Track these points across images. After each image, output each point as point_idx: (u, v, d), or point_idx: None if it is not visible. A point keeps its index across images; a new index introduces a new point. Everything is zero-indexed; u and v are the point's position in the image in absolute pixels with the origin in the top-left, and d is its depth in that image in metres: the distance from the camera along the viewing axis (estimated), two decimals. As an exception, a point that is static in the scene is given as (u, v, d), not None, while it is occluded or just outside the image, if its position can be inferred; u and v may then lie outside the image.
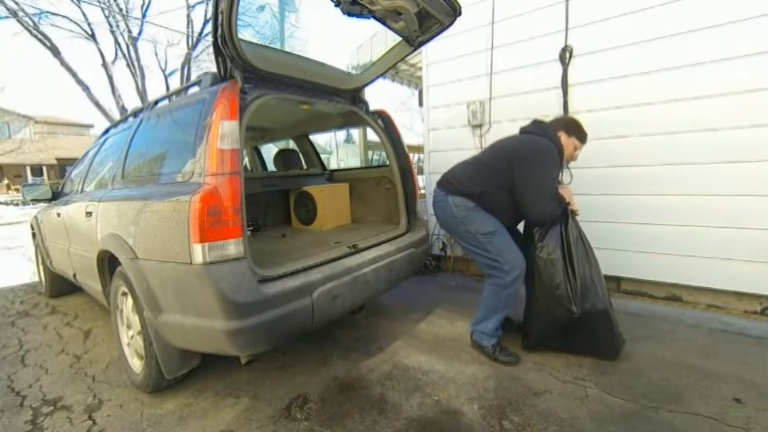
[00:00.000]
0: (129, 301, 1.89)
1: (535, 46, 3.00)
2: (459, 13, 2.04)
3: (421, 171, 6.37)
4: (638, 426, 1.47)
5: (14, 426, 1.68)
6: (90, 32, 12.55)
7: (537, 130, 2.03)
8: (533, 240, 1.98)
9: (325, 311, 1.72)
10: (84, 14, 12.49)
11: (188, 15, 13.72)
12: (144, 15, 13.39)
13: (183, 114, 1.82)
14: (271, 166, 4.08)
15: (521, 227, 2.17)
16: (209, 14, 2.14)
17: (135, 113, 2.53)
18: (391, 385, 1.82)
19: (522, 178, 1.88)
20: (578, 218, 2.02)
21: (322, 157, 3.83)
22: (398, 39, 2.30)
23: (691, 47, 2.43)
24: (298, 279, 1.63)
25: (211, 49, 1.73)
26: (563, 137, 2.00)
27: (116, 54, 13.08)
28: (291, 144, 4.12)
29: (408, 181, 2.57)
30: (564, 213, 1.94)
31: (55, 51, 11.48)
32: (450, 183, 2.07)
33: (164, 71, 15.07)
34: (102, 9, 12.37)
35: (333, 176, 3.48)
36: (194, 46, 14.01)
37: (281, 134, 3.86)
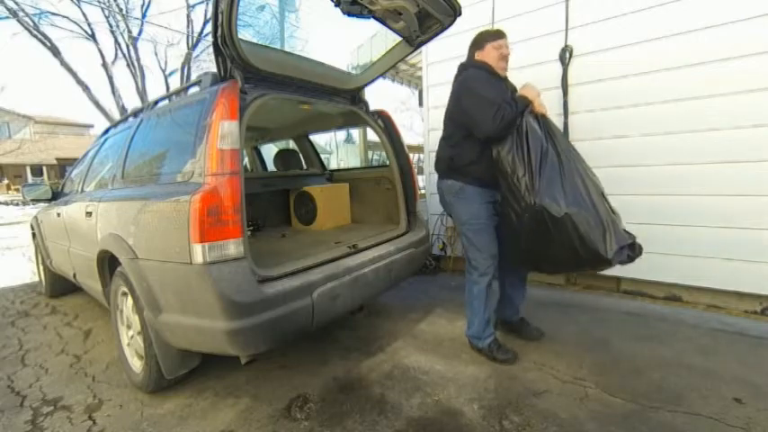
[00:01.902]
0: (129, 301, 1.89)
1: (535, 46, 3.00)
2: (459, 13, 2.04)
3: (421, 171, 6.36)
4: (638, 426, 1.47)
5: (14, 426, 1.68)
6: (90, 32, 12.56)
7: (458, 71, 2.05)
8: None
9: (326, 311, 1.72)
10: (84, 14, 12.51)
11: (188, 15, 13.72)
12: (144, 15, 13.40)
13: (183, 114, 1.82)
14: (271, 166, 4.08)
15: None
16: (210, 14, 2.14)
17: (135, 113, 2.53)
18: (391, 385, 1.82)
19: (464, 115, 1.90)
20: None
21: (322, 157, 3.83)
22: (398, 39, 2.30)
23: (691, 47, 2.43)
24: (298, 279, 1.63)
25: (211, 49, 1.73)
26: (479, 54, 2.00)
27: (116, 54, 13.08)
28: (291, 144, 4.12)
29: (408, 181, 2.57)
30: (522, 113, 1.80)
31: (55, 51, 11.48)
32: (437, 163, 2.17)
33: (164, 71, 15.08)
34: (102, 9, 12.38)
35: (333, 176, 3.48)
36: (194, 46, 14.00)
37: (281, 134, 3.86)
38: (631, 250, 1.70)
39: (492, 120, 1.76)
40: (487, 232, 1.99)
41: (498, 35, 1.97)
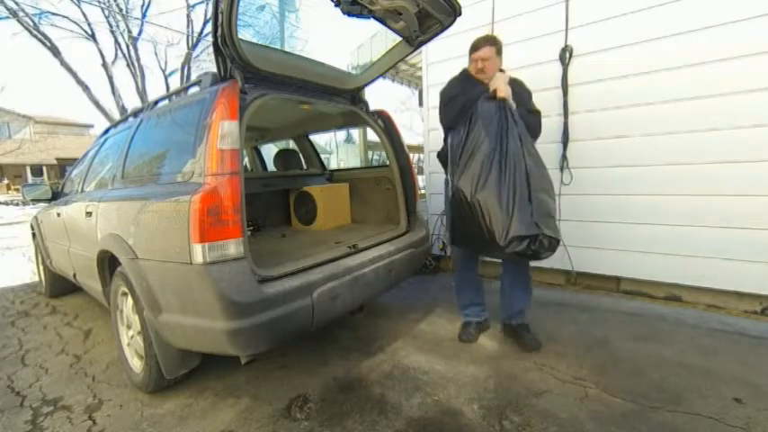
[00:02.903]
0: (129, 301, 1.89)
1: (535, 46, 3.00)
2: (459, 13, 2.04)
3: (421, 171, 6.37)
4: (638, 426, 1.47)
5: (14, 426, 1.68)
6: (90, 32, 12.55)
7: None
8: None
9: (326, 311, 1.72)
10: (84, 14, 12.52)
11: (188, 15, 13.71)
12: (144, 15, 13.40)
13: (183, 114, 1.82)
14: (271, 166, 4.08)
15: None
16: (210, 14, 2.15)
17: (135, 113, 2.53)
18: (391, 385, 1.82)
19: None
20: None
21: (322, 157, 3.82)
22: (398, 39, 2.30)
23: (691, 47, 2.43)
24: (298, 279, 1.63)
25: (211, 49, 1.73)
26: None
27: (116, 54, 13.08)
28: (291, 144, 4.12)
29: (408, 181, 2.57)
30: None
31: (55, 51, 11.47)
32: None
33: (164, 71, 15.07)
34: (102, 9, 12.38)
35: (333, 176, 3.48)
36: (194, 46, 14.00)
37: (281, 134, 3.85)
38: (534, 243, 1.73)
39: (442, 109, 2.13)
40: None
41: (474, 47, 2.11)
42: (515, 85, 2.06)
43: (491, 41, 2.08)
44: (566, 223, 2.98)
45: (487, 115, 1.89)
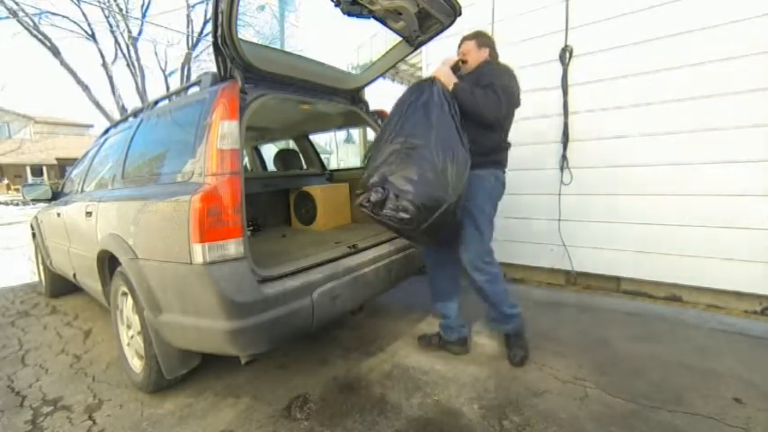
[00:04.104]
0: (129, 301, 1.89)
1: (535, 46, 3.00)
2: (459, 13, 2.04)
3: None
4: (638, 426, 1.47)
5: (14, 426, 1.68)
6: (90, 32, 12.54)
7: None
8: None
9: (326, 311, 1.71)
10: (84, 14, 12.48)
11: (188, 15, 13.70)
12: (144, 15, 13.37)
13: (183, 114, 1.82)
14: (271, 166, 4.08)
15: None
16: (210, 14, 2.15)
17: (135, 113, 2.53)
18: (391, 385, 1.82)
19: None
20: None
21: (322, 157, 3.83)
22: (398, 39, 2.30)
23: (691, 47, 2.43)
24: (298, 279, 1.63)
25: (211, 49, 1.73)
26: None
27: (116, 54, 13.05)
28: (291, 144, 4.12)
29: (408, 181, 2.56)
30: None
31: (55, 51, 11.46)
32: None
33: (164, 71, 15.06)
34: (102, 9, 12.37)
35: (333, 176, 3.48)
36: (194, 46, 13.99)
37: (281, 134, 3.86)
38: (368, 196, 1.79)
39: None
40: None
41: (458, 46, 2.08)
42: (487, 66, 1.95)
43: (471, 36, 2.04)
44: (566, 223, 2.98)
45: (415, 95, 1.83)
